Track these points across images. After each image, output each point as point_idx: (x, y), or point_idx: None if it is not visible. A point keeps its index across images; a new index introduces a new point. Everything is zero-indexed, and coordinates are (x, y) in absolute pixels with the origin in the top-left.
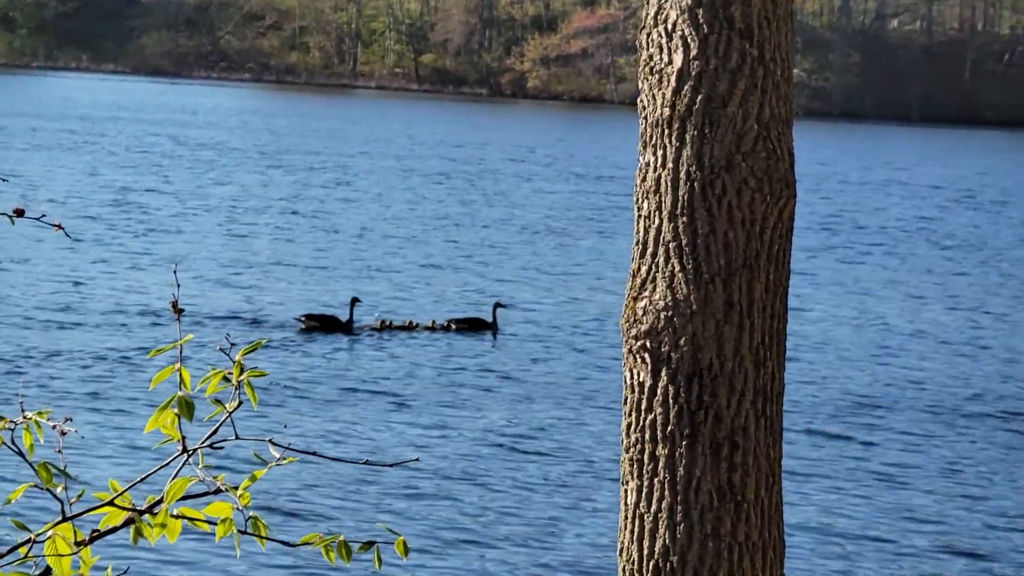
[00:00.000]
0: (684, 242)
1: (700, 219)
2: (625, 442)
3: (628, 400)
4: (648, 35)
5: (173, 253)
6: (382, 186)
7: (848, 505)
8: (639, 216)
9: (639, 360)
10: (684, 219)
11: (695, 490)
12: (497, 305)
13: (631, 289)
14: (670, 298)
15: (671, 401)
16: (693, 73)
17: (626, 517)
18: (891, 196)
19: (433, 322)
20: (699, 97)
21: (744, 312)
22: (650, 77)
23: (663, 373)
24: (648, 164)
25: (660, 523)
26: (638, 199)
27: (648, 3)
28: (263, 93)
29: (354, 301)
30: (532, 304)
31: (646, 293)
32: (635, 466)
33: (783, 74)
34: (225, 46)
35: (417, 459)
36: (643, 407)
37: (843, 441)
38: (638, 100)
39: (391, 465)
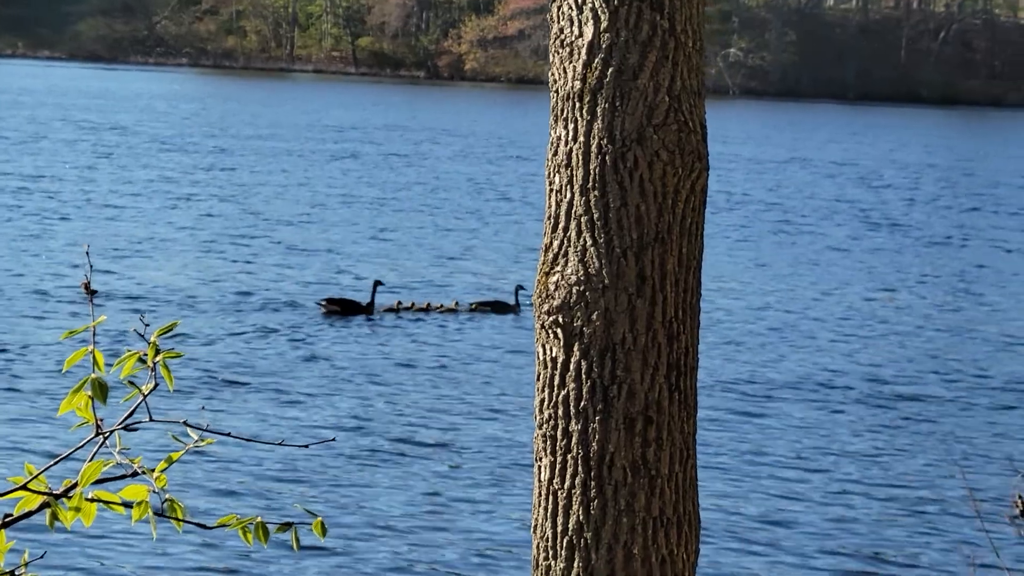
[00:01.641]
0: (596, 216)
1: (612, 192)
2: (538, 419)
3: (541, 376)
4: (559, 8)
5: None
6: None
7: (757, 483)
8: (551, 190)
9: (551, 335)
10: (596, 193)
11: (609, 465)
12: (519, 287)
13: (543, 264)
14: (582, 272)
15: (584, 376)
16: (603, 45)
17: (539, 494)
18: (813, 174)
19: (456, 303)
20: (610, 70)
21: (657, 286)
22: (561, 50)
23: (576, 348)
24: (559, 138)
25: (574, 499)
26: (550, 173)
27: None
28: (197, 78)
29: (376, 284)
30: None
31: (558, 268)
32: (548, 442)
33: (694, 45)
34: (162, 31)
35: (334, 439)
36: (556, 383)
37: (745, 420)
38: (549, 74)
39: (304, 446)
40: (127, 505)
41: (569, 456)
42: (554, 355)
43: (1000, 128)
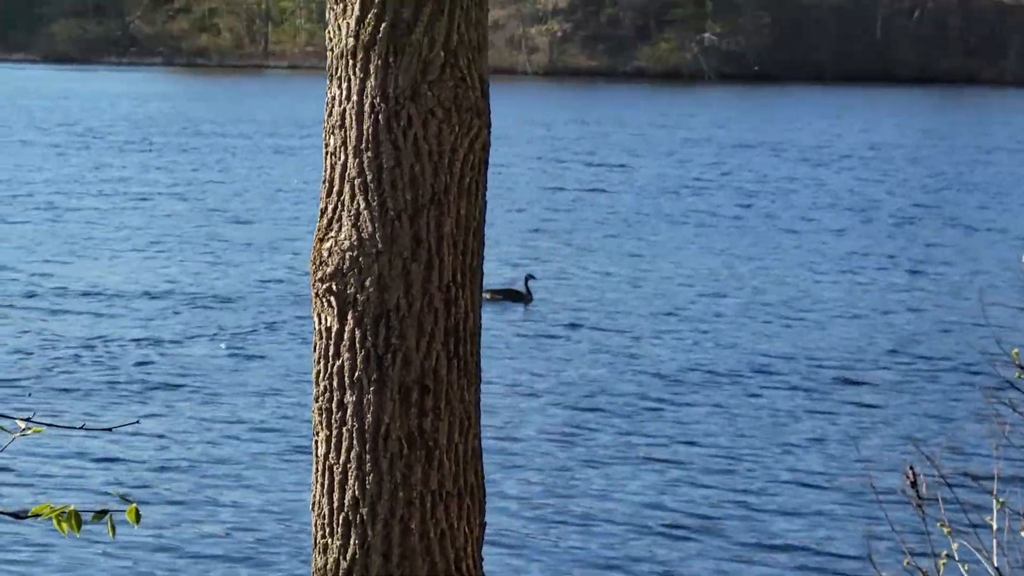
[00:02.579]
0: (369, 178)
1: (385, 153)
2: (315, 391)
3: (317, 347)
4: None
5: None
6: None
7: (687, 473)
8: (326, 153)
9: (325, 304)
10: (369, 154)
11: (384, 437)
12: (528, 276)
13: (318, 230)
14: (355, 237)
15: (358, 345)
16: (376, 0)
17: (317, 470)
18: (779, 157)
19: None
20: (383, 24)
21: (433, 249)
22: (335, 7)
23: (350, 316)
24: (333, 98)
25: (349, 474)
26: (325, 136)
27: None
28: (171, 76)
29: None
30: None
31: (332, 233)
32: (324, 416)
33: None
34: (135, 31)
35: (137, 421)
36: (331, 353)
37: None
38: (326, 32)
39: (108, 429)
40: None
41: (344, 429)
42: (328, 324)
43: (974, 105)
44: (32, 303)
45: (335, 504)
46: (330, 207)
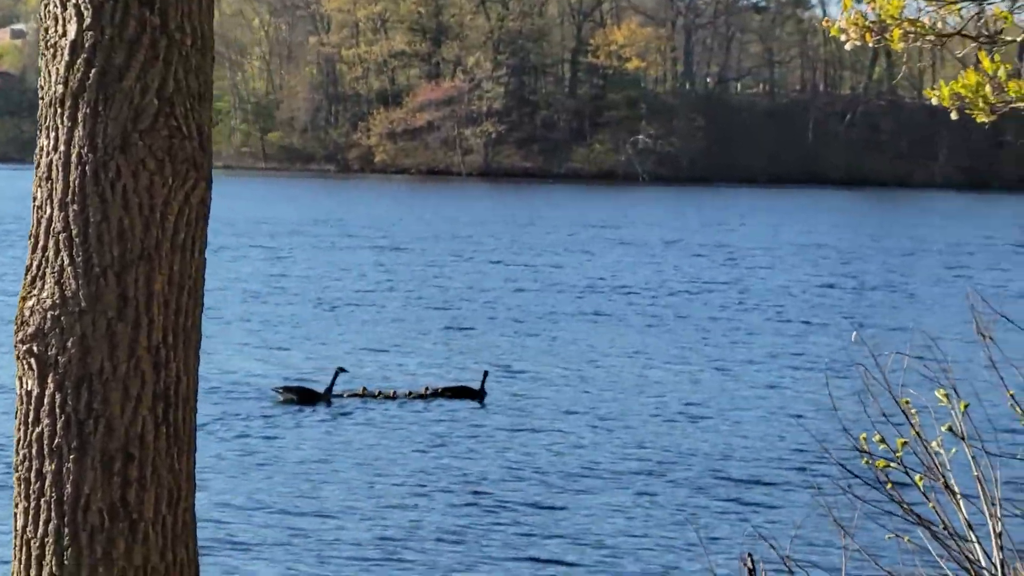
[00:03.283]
0: (75, 232)
1: (92, 206)
2: (15, 460)
3: (18, 413)
4: (46, 5)
5: None
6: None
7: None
8: (34, 206)
9: (26, 367)
10: (75, 207)
11: (84, 509)
12: (486, 373)
13: (23, 288)
14: (58, 295)
15: (59, 410)
16: (87, 44)
17: (15, 544)
18: (688, 256)
19: (427, 388)
20: (93, 71)
21: (141, 308)
22: (46, 52)
23: (50, 379)
24: (41, 148)
25: (47, 548)
26: (33, 188)
27: None
28: None
29: (338, 371)
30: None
31: (35, 291)
32: (23, 486)
33: (194, 44)
34: None
35: None
36: (31, 419)
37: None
38: (39, 79)
39: None
40: None
41: (43, 500)
42: (29, 388)
43: (903, 206)
44: None
45: None
46: (35, 263)
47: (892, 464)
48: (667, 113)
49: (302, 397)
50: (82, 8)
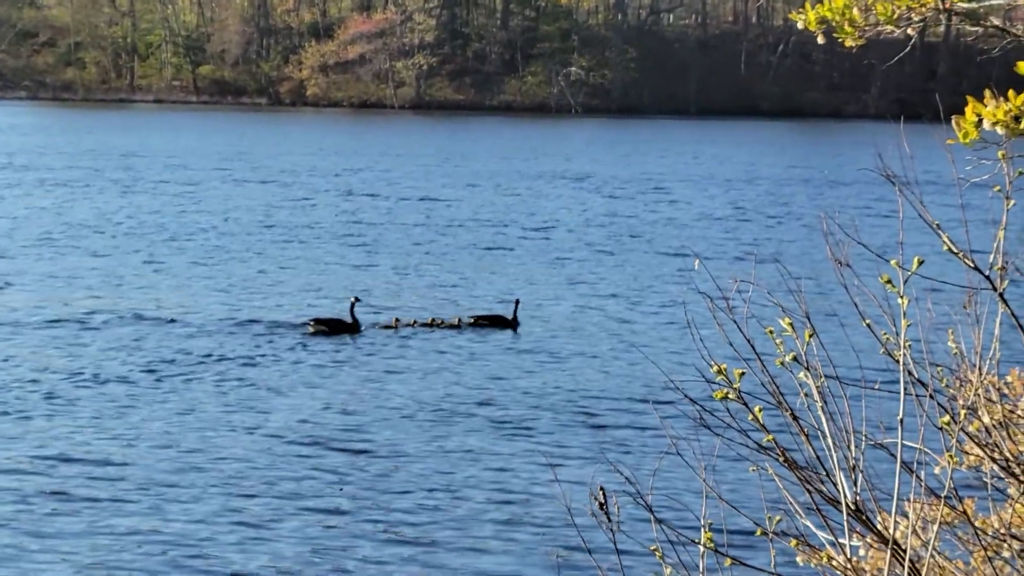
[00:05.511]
0: None
1: None
2: None
3: None
4: None
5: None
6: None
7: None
8: None
9: None
10: None
11: None
12: (517, 302)
13: None
14: None
15: None
16: None
17: None
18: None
19: (459, 319)
20: None
21: None
22: None
23: None
24: None
25: None
26: None
27: None
28: (35, 110)
29: (355, 301)
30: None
31: None
32: None
33: None
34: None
35: None
36: None
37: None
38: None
39: None
40: None
41: None
42: None
43: (832, 137)
44: None
45: None
46: None
47: (730, 395)
48: (599, 45)
49: (333, 328)
50: None
